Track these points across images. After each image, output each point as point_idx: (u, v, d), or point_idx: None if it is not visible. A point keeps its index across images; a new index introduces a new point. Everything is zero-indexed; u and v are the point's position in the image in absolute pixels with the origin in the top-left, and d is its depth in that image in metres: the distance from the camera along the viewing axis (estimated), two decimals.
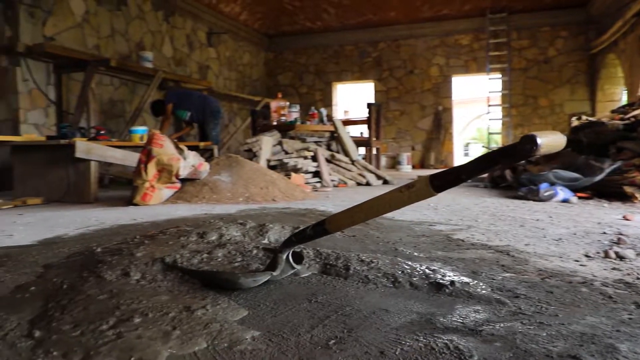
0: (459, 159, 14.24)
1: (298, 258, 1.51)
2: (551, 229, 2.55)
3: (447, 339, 1.05)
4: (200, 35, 9.96)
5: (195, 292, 1.34)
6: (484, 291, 1.41)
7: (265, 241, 2.03)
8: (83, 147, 4.27)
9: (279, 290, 1.41)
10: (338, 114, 12.41)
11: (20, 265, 1.69)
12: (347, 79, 12.30)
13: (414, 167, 11.42)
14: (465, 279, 1.50)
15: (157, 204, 3.67)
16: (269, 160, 5.26)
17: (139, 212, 3.26)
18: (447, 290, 1.40)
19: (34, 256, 1.83)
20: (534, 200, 3.77)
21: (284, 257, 1.37)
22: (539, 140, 0.79)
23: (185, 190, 3.84)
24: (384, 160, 10.07)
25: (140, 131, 5.38)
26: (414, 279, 1.48)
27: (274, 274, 1.35)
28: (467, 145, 25.11)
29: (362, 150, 8.23)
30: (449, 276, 1.50)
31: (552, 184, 3.90)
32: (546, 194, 3.74)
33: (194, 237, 1.83)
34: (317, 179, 5.23)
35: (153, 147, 3.73)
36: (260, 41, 12.26)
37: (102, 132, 4.89)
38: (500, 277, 1.59)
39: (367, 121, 8.40)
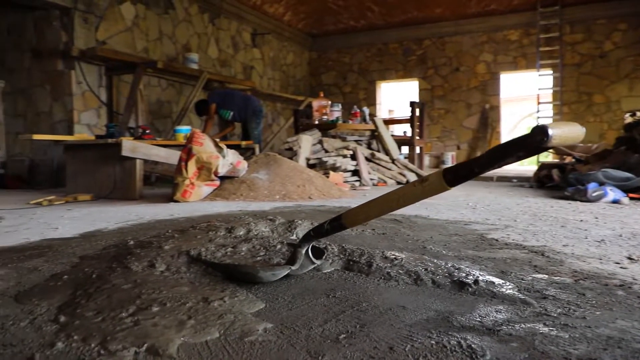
0: None
1: (319, 253, 1.51)
2: (595, 230, 2.43)
3: (460, 337, 1.02)
4: (244, 36, 10.14)
5: (215, 285, 1.36)
6: (509, 291, 1.36)
7: (294, 237, 2.04)
8: (129, 146, 4.44)
9: (299, 284, 1.42)
10: (382, 113, 12.33)
11: (59, 255, 1.78)
12: (391, 77, 12.18)
13: None
14: (492, 279, 1.45)
15: (197, 201, 3.77)
16: (308, 159, 5.29)
17: (177, 208, 3.36)
18: (470, 289, 1.37)
19: (72, 248, 1.92)
20: (581, 201, 3.61)
21: (303, 251, 1.37)
22: (550, 132, 0.76)
23: (224, 188, 3.92)
24: (427, 160, 9.90)
25: (184, 130, 5.53)
26: (437, 277, 1.45)
27: (293, 268, 1.36)
28: None
29: (405, 149, 8.14)
30: (474, 275, 1.45)
31: (602, 183, 3.71)
32: (594, 194, 3.57)
33: (222, 232, 1.86)
34: (356, 178, 5.21)
35: (193, 146, 3.83)
36: (304, 41, 12.35)
37: (147, 131, 5.07)
38: (530, 278, 1.53)
39: (410, 120, 8.29)
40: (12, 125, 6.98)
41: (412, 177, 5.58)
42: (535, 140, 0.78)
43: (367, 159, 5.62)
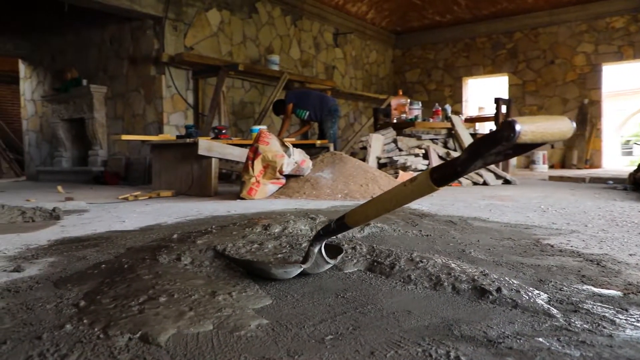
0: (611, 159, 12.65)
1: (337, 252, 1.50)
2: None
3: (452, 347, 0.96)
4: (326, 37, 10.25)
5: (231, 279, 1.40)
6: (536, 302, 1.25)
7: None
8: (205, 145, 4.69)
9: (314, 283, 1.42)
10: (468, 111, 11.84)
11: (111, 246, 1.93)
12: (479, 73, 11.66)
13: (552, 166, 10.42)
14: (520, 287, 1.35)
15: (261, 199, 3.89)
16: (379, 158, 5.23)
17: (238, 205, 3.49)
18: (490, 297, 1.28)
19: (126, 239, 2.07)
20: None
21: (315, 250, 1.37)
22: (518, 127, 0.69)
23: (289, 186, 4.01)
24: (514, 159, 9.34)
25: (258, 130, 5.72)
26: (459, 282, 1.37)
27: (304, 266, 1.36)
28: (627, 142, 22.02)
29: None
30: (500, 283, 1.36)
31: None
32: None
33: (258, 229, 1.91)
34: None
35: (259, 145, 3.95)
36: (387, 39, 12.21)
37: (224, 131, 5.32)
38: (569, 288, 1.40)
39: (495, 117, 7.89)
40: (112, 127, 7.67)
41: (490, 177, 5.31)
42: (502, 136, 0.72)
43: (441, 158, 5.44)
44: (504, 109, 7.96)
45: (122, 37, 7.43)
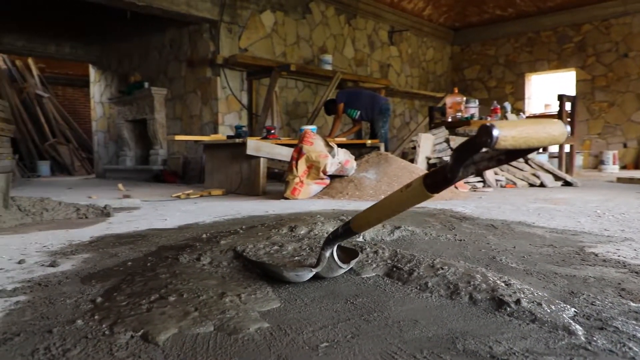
0: None
1: (354, 255, 1.47)
2: None
3: None
4: (381, 35, 10.14)
5: (245, 281, 1.42)
6: (558, 316, 1.17)
7: (360, 239, 2.01)
8: (253, 145, 4.78)
9: (328, 287, 1.40)
10: (532, 108, 11.31)
11: (144, 244, 2.00)
12: (543, 68, 11.09)
13: (625, 167, 9.73)
14: (544, 300, 1.26)
15: (304, 199, 3.90)
16: (428, 158, 5.11)
17: (278, 205, 3.52)
18: (507, 309, 1.21)
19: (161, 238, 2.14)
20: None
21: (327, 254, 1.35)
22: (495, 132, 0.64)
23: (333, 187, 4.00)
24: (580, 160, 8.81)
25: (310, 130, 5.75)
26: (477, 292, 1.31)
27: (314, 270, 1.35)
28: None
29: (553, 148, 7.37)
30: (521, 294, 1.28)
31: None
32: None
33: (284, 230, 1.91)
34: (479, 178, 4.88)
35: (304, 145, 3.97)
36: (445, 35, 11.90)
37: (272, 131, 5.39)
38: (603, 303, 1.29)
39: (559, 115, 7.49)
40: (172, 128, 7.99)
41: (548, 179, 5.03)
42: (481, 142, 0.67)
43: None
44: (568, 106, 7.54)
45: (181, 41, 7.72)
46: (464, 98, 7.55)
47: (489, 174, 4.83)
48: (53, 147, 11.14)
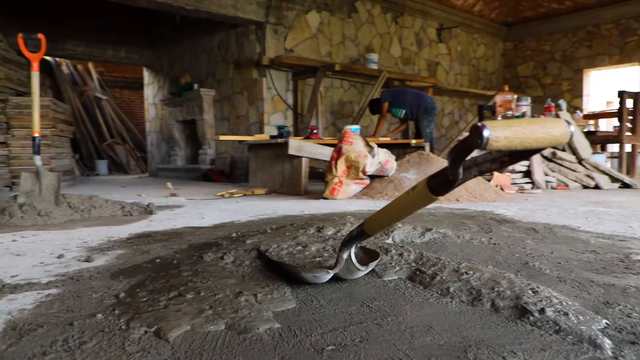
0: None
1: (374, 257, 1.45)
2: None
3: None
4: (429, 32, 9.94)
5: (264, 280, 1.42)
6: (586, 328, 1.10)
7: (389, 240, 1.98)
8: (295, 145, 4.81)
9: (347, 289, 1.38)
10: (590, 106, 10.75)
11: (177, 242, 2.06)
12: (603, 64, 10.50)
13: None
14: (573, 310, 1.19)
15: (343, 199, 3.89)
16: (474, 158, 4.96)
17: (314, 205, 3.52)
18: (530, 319, 1.15)
19: (194, 236, 2.20)
20: None
21: (344, 256, 1.33)
22: (486, 132, 0.60)
23: (372, 187, 3.96)
24: None
25: (353, 129, 5.72)
26: (500, 299, 1.25)
27: (331, 272, 1.33)
28: None
29: (614, 147, 6.98)
30: (546, 303, 1.21)
31: None
32: None
33: (312, 231, 1.91)
34: (527, 180, 4.68)
35: (343, 145, 3.95)
36: (496, 31, 11.52)
37: (315, 131, 5.41)
38: None
39: (619, 113, 7.07)
40: (220, 128, 8.19)
41: (603, 180, 4.76)
42: (471, 143, 0.63)
43: (546, 158, 5.00)
44: (630, 103, 7.11)
45: (228, 43, 7.89)
46: (515, 96, 7.27)
47: (538, 174, 4.63)
48: (110, 147, 11.69)
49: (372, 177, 4.07)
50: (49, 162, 5.72)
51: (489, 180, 4.31)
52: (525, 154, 0.69)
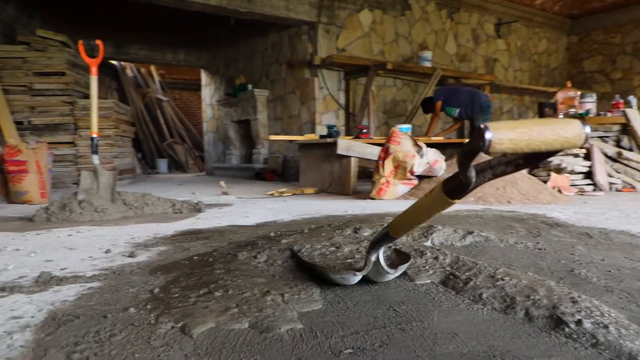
0: None
1: (406, 260, 1.42)
2: None
3: None
4: (487, 28, 9.61)
5: (293, 280, 1.43)
6: (628, 342, 1.02)
7: (428, 243, 1.94)
8: (344, 145, 4.80)
9: (376, 292, 1.36)
10: None
11: (218, 239, 2.11)
12: None
13: None
14: (614, 322, 1.11)
15: (390, 199, 3.84)
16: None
17: (359, 205, 3.50)
18: (565, 330, 1.08)
19: (235, 234, 2.24)
20: None
21: (372, 258, 1.31)
22: (488, 135, 0.57)
23: (420, 187, 3.88)
24: None
25: (403, 129, 5.64)
26: (535, 308, 1.19)
27: (358, 274, 1.32)
28: None
29: None
30: (589, 314, 1.14)
31: None
32: None
33: (348, 231, 1.90)
34: (588, 181, 4.43)
35: (391, 145, 3.90)
36: (560, 25, 10.95)
37: (364, 130, 5.37)
38: None
39: None
40: (273, 128, 8.32)
41: None
42: (475, 145, 0.60)
43: (611, 158, 4.71)
44: None
45: (281, 44, 8.00)
46: (578, 92, 6.90)
47: (600, 175, 4.36)
48: (170, 146, 12.18)
49: (421, 178, 3.99)
50: (111, 160, 6.04)
51: (545, 182, 4.11)
52: (541, 156, 0.65)
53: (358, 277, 1.34)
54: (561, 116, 6.74)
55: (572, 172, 4.33)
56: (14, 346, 1.01)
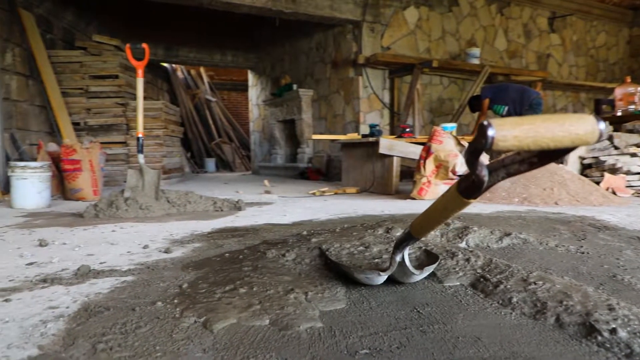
0: None
1: (433, 261, 1.39)
2: None
3: None
4: (539, 22, 9.25)
5: (319, 279, 1.43)
6: None
7: (462, 244, 1.89)
8: (386, 144, 4.76)
9: (402, 293, 1.34)
10: None
11: (252, 237, 2.14)
12: None
13: None
14: None
15: (431, 199, 3.76)
16: (582, 158, 4.52)
17: (397, 205, 3.45)
18: (598, 338, 1.02)
19: (270, 232, 2.27)
20: None
21: (397, 258, 1.29)
22: (490, 132, 0.55)
23: None
24: None
25: (448, 128, 5.52)
26: (567, 314, 1.13)
27: (382, 274, 1.30)
28: None
29: None
30: (626, 322, 1.07)
31: None
32: None
33: (380, 231, 1.88)
34: None
35: (432, 144, 3.83)
36: (621, 16, 10.38)
37: (407, 129, 5.29)
38: None
39: None
40: (317, 127, 8.36)
41: None
42: (478, 143, 0.57)
43: None
44: None
45: (326, 43, 8.02)
46: (639, 88, 6.53)
47: None
48: (218, 145, 12.48)
49: None
50: (160, 160, 6.26)
51: (598, 183, 3.90)
52: (555, 154, 0.61)
53: (382, 277, 1.32)
54: (619, 113, 6.40)
55: (628, 173, 4.09)
56: (47, 334, 1.07)
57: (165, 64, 11.83)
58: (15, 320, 1.16)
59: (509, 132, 0.55)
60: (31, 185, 3.64)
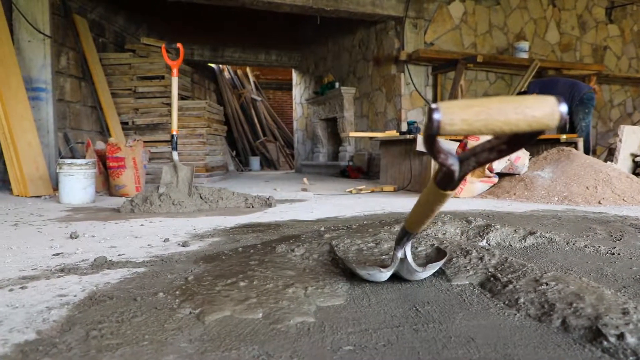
0: None
1: (441, 258, 1.35)
2: None
3: None
4: (596, 13, 8.77)
5: (323, 274, 1.41)
6: None
7: (482, 243, 1.82)
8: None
9: (405, 290, 1.30)
10: None
11: (271, 233, 2.15)
12: None
13: None
14: None
15: (467, 197, 3.65)
16: (634, 155, 4.25)
17: None
18: (604, 343, 0.95)
19: (291, 228, 2.27)
20: None
21: (399, 255, 1.25)
22: (436, 116, 0.51)
23: (500, 185, 3.64)
24: None
25: None
26: (575, 317, 1.06)
27: (384, 270, 1.27)
28: None
29: None
30: (630, 328, 0.99)
31: None
32: None
33: (397, 228, 1.84)
34: None
35: (469, 141, 3.71)
36: None
37: None
38: None
39: None
40: (359, 125, 8.31)
41: None
42: (427, 128, 0.54)
43: None
44: None
45: (368, 40, 7.95)
46: None
47: None
48: (263, 144, 12.66)
49: (502, 176, 3.75)
50: (203, 157, 6.42)
51: None
52: (523, 139, 0.57)
53: (384, 273, 1.29)
54: None
55: None
56: (48, 320, 1.11)
57: (212, 65, 12.12)
58: (24, 306, 1.21)
59: (457, 115, 0.52)
60: (77, 182, 3.82)
